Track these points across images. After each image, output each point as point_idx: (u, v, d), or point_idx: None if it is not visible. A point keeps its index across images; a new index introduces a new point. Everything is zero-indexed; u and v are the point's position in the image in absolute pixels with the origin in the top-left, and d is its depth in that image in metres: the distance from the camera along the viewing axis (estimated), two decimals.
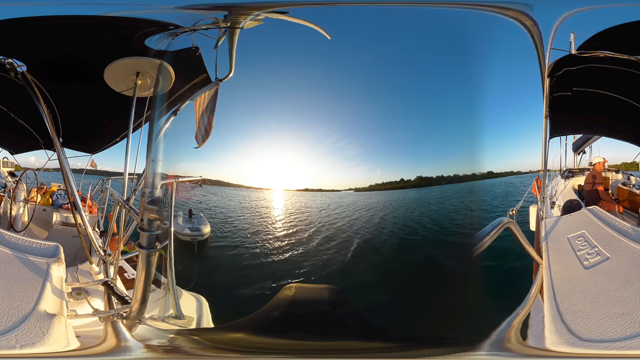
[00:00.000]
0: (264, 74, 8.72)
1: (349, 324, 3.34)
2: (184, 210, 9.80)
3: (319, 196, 12.27)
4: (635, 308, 1.93)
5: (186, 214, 9.76)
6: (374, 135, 10.94)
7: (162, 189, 1.84)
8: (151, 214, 1.74)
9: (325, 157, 11.33)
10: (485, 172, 10.82)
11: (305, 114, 10.14)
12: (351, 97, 10.15)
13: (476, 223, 8.74)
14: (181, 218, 9.46)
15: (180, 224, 9.05)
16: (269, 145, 10.40)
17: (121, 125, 4.13)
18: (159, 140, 2.18)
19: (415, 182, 11.44)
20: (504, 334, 2.18)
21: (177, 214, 9.50)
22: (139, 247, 1.85)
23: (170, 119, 2.76)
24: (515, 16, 2.97)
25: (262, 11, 2.97)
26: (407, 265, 7.98)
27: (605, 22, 3.25)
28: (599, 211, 3.52)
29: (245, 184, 11.34)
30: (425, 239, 9.71)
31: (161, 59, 3.19)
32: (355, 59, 8.97)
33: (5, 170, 6.23)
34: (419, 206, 11.42)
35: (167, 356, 2.22)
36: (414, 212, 11.37)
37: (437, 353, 2.16)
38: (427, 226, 10.44)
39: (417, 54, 8.93)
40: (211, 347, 2.36)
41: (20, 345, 1.70)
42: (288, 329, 3.06)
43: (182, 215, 9.64)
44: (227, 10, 2.98)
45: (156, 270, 1.97)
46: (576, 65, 3.85)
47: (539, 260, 2.83)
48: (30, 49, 3.13)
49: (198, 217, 9.82)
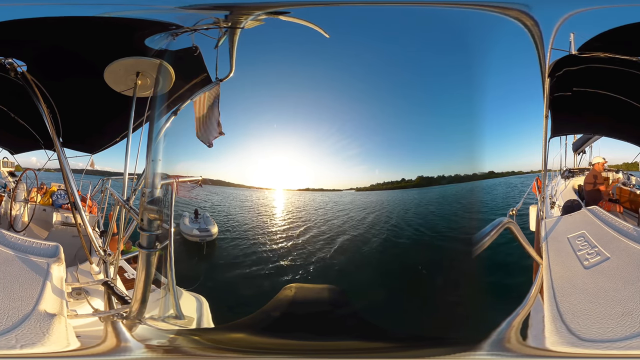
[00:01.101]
0: (265, 73, 8.72)
1: (349, 324, 3.34)
2: (189, 211, 9.74)
3: (319, 195, 12.27)
4: (635, 308, 1.93)
5: (192, 214, 9.71)
6: (375, 135, 10.95)
7: (162, 189, 1.84)
8: (151, 214, 1.74)
9: (327, 157, 11.34)
10: (486, 172, 10.81)
11: (306, 113, 10.15)
12: (352, 96, 10.15)
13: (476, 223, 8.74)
14: (187, 219, 9.38)
15: (188, 225, 8.98)
16: (270, 145, 10.41)
17: (121, 125, 4.14)
18: (159, 140, 2.19)
19: (417, 181, 11.44)
20: (504, 334, 2.18)
21: (183, 214, 9.49)
22: (139, 247, 1.85)
23: (170, 119, 2.76)
24: (515, 16, 2.97)
25: (262, 11, 2.97)
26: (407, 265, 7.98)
27: (606, 23, 3.25)
28: (599, 211, 3.52)
29: (246, 183, 11.34)
30: (425, 238, 9.71)
31: (161, 59, 3.19)
32: (356, 59, 8.96)
33: (5, 170, 6.23)
34: (419, 206, 11.42)
35: (167, 356, 2.22)
36: (412, 212, 11.37)
37: (437, 353, 2.16)
38: (427, 226, 10.43)
39: (418, 53, 8.92)
40: (211, 347, 2.36)
41: (20, 345, 1.70)
42: (288, 329, 3.06)
43: (188, 215, 9.58)
44: (227, 10, 2.98)
45: (156, 270, 1.97)
46: (576, 65, 3.85)
47: (539, 260, 2.83)
48: (30, 49, 3.13)
49: (204, 217, 9.74)
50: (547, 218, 4.39)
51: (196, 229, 8.75)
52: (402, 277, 6.90)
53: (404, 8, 4.53)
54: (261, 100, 9.66)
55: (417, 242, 9.54)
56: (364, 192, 12.06)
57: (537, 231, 3.99)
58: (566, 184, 6.93)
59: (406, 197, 11.75)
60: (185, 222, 9.13)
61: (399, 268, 7.87)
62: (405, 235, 9.98)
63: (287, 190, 12.02)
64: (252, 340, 2.65)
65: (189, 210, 9.73)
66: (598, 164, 5.49)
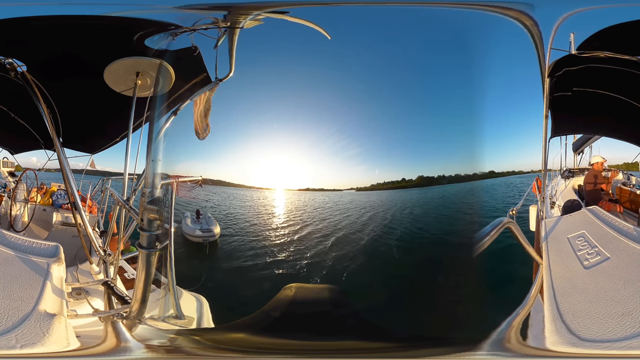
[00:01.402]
0: (265, 73, 8.72)
1: (349, 324, 3.34)
2: (190, 211, 9.72)
3: (320, 195, 12.26)
4: (635, 308, 1.93)
5: (194, 214, 9.68)
6: (376, 135, 10.95)
7: (162, 189, 1.84)
8: (151, 214, 1.74)
9: (327, 157, 11.34)
10: (486, 171, 10.83)
11: (306, 113, 10.15)
12: (352, 96, 10.15)
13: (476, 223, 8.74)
14: (189, 219, 9.36)
15: (190, 225, 8.95)
16: (271, 145, 10.41)
17: (121, 125, 4.13)
18: (159, 140, 2.18)
19: (417, 181, 11.44)
20: (504, 334, 2.18)
21: (185, 215, 9.48)
22: (139, 247, 1.85)
23: (170, 119, 2.76)
24: (515, 16, 2.96)
25: (261, 11, 2.97)
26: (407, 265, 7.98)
27: (605, 22, 3.25)
28: (599, 211, 3.52)
29: (246, 183, 11.34)
30: (425, 238, 9.71)
31: (161, 59, 3.19)
32: (356, 59, 8.96)
33: (5, 170, 6.24)
34: (416, 206, 11.42)
35: (167, 356, 2.22)
36: (412, 211, 11.37)
37: (437, 353, 2.16)
38: (427, 226, 10.43)
39: (418, 53, 8.92)
40: (211, 347, 2.36)
41: (20, 345, 1.70)
42: (288, 329, 3.06)
43: (190, 216, 9.56)
44: (226, 10, 2.97)
45: (156, 270, 1.97)
46: (576, 65, 3.84)
47: (539, 260, 2.83)
48: (30, 49, 3.13)
49: (206, 217, 9.72)
50: (547, 218, 4.39)
51: (199, 229, 8.73)
52: (402, 277, 6.90)
53: (404, 8, 4.52)
54: (261, 100, 9.67)
55: (417, 242, 9.54)
56: (365, 192, 12.05)
57: (537, 231, 3.99)
58: (566, 184, 6.94)
59: (406, 196, 11.74)
60: (187, 223, 9.11)
61: (399, 268, 7.87)
62: (405, 235, 9.98)
63: (288, 190, 12.02)
64: (252, 340, 2.64)
65: (190, 211, 9.72)
66: (598, 163, 5.49)
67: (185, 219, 9.30)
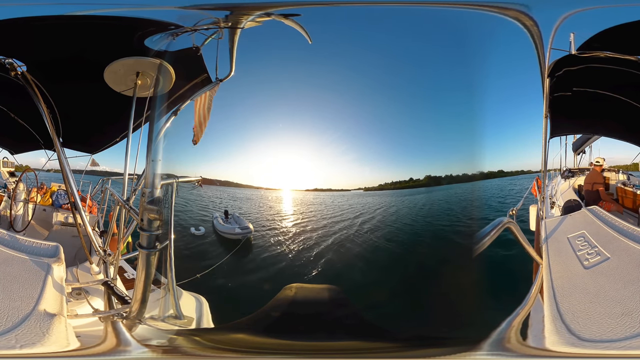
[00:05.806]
0: (265, 73, 8.73)
1: (349, 324, 3.34)
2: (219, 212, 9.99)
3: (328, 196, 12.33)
4: (635, 308, 1.93)
5: (222, 215, 9.99)
6: (377, 135, 10.97)
7: (162, 189, 1.84)
8: (151, 214, 1.74)
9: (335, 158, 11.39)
10: (486, 171, 10.89)
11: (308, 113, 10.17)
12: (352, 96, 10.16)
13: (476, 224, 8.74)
14: (220, 219, 9.69)
15: (225, 225, 9.33)
16: (274, 145, 10.46)
17: (121, 125, 4.13)
18: (159, 140, 2.18)
19: (425, 181, 11.53)
20: (504, 334, 2.18)
21: (214, 216, 9.88)
22: (139, 247, 1.84)
23: (170, 119, 2.76)
24: (515, 16, 2.96)
25: (263, 11, 2.97)
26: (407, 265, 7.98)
27: (605, 22, 3.25)
28: (599, 211, 3.52)
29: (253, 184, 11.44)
30: (425, 238, 9.71)
31: (161, 59, 3.19)
32: (356, 59, 8.98)
33: (5, 170, 6.24)
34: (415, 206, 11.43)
35: (167, 356, 2.22)
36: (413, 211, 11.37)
37: (437, 353, 2.16)
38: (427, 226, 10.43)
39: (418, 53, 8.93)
40: (211, 347, 2.36)
41: (20, 345, 1.70)
42: (288, 329, 3.06)
43: (220, 216, 9.87)
44: (228, 10, 2.97)
45: (156, 270, 1.97)
46: (576, 65, 3.84)
47: (539, 260, 2.83)
48: (30, 49, 3.13)
49: (235, 216, 10.04)
50: (547, 218, 4.39)
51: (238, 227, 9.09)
52: (402, 277, 6.90)
53: (404, 8, 4.52)
54: (261, 100, 9.70)
55: (418, 242, 9.55)
56: (372, 191, 12.13)
57: (537, 231, 3.99)
58: (567, 184, 6.94)
59: (409, 197, 11.76)
60: (221, 222, 9.48)
61: (399, 268, 7.87)
62: (406, 235, 9.99)
63: (295, 190, 12.13)
64: (252, 340, 2.64)
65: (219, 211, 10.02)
66: (597, 164, 5.50)
67: (215, 219, 9.64)
